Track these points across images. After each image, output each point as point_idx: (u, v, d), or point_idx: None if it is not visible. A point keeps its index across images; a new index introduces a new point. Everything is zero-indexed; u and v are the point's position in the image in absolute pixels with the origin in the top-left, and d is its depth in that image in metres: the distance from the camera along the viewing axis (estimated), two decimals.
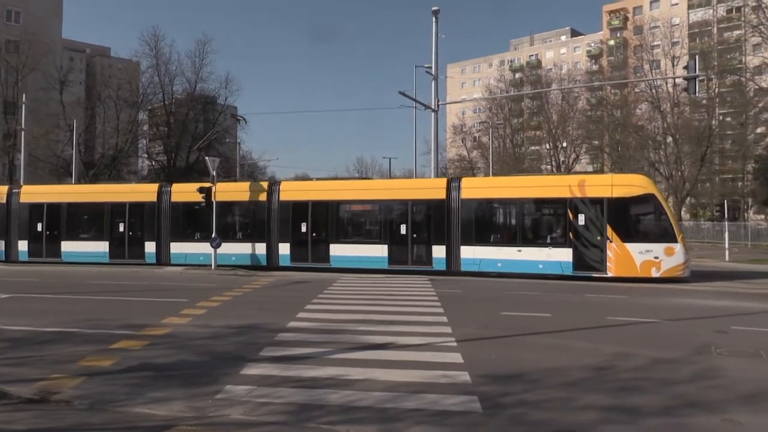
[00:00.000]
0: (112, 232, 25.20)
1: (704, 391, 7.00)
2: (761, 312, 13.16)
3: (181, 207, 24.76)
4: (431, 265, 21.51)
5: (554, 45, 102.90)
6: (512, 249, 20.66)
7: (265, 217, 23.57)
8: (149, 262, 24.60)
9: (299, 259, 23.08)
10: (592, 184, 20.26)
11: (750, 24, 45.38)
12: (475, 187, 21.98)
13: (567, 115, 61.98)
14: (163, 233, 24.66)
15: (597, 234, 19.64)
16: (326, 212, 23.03)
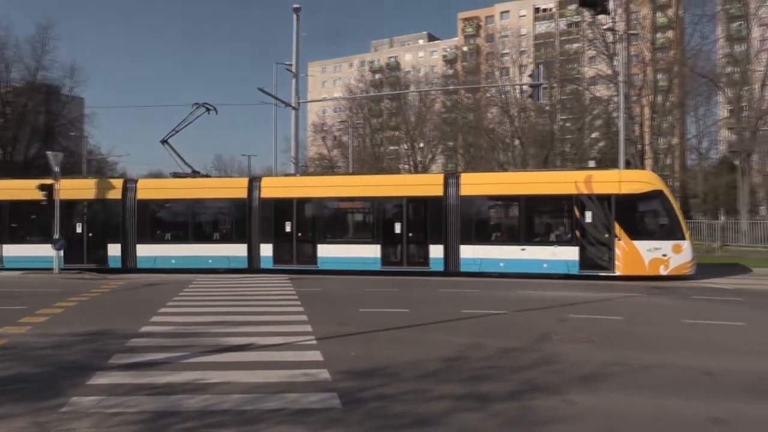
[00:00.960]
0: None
1: (546, 376, 7.57)
2: (595, 301, 14.44)
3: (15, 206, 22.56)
4: (428, 266, 20.41)
5: (412, 48, 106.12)
6: (515, 248, 19.66)
7: (246, 216, 21.81)
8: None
9: (283, 261, 21.48)
10: (599, 180, 19.41)
11: (587, 38, 49.59)
12: (475, 183, 20.93)
13: (424, 117, 64.15)
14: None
15: (605, 232, 19.02)
16: (313, 210, 21.84)
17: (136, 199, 22.25)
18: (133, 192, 22.38)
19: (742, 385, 7.12)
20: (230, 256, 21.68)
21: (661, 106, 44.11)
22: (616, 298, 14.94)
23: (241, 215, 21.85)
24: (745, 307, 13.54)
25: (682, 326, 11.20)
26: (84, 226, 22.45)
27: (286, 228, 21.52)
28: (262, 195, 21.75)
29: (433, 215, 20.52)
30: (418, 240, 20.69)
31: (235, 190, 22.24)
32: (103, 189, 22.70)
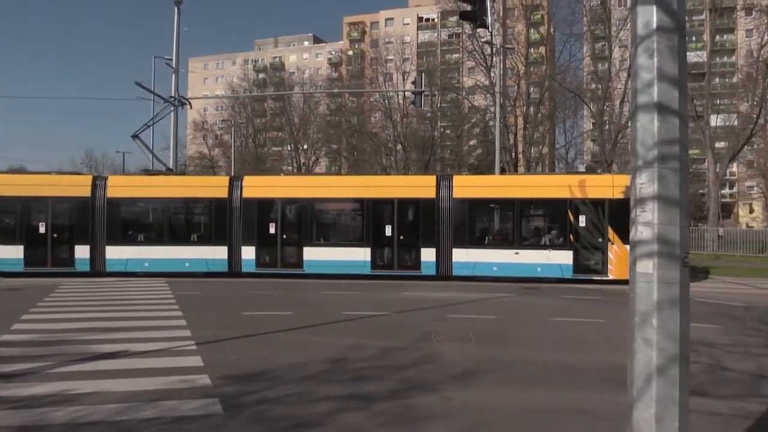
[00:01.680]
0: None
1: (425, 374, 7.84)
2: (472, 301, 15.07)
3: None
4: (419, 270, 19.82)
5: (298, 49, 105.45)
6: (509, 252, 19.35)
7: (226, 217, 20.43)
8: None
9: (267, 265, 20.37)
10: (592, 185, 19.35)
11: (467, 49, 51.56)
12: (469, 186, 20.75)
13: (308, 119, 63.98)
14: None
15: (598, 236, 18.94)
16: (300, 211, 20.82)
17: (107, 197, 20.51)
18: (103, 189, 20.64)
19: (601, 376, 7.76)
20: (209, 259, 20.38)
21: (533, 117, 46.74)
22: (491, 298, 15.67)
23: (221, 216, 20.55)
24: (607, 305, 14.66)
25: (550, 324, 11.98)
26: (48, 226, 20.39)
27: (270, 230, 20.48)
28: (244, 194, 20.60)
29: (425, 218, 20.07)
30: (410, 243, 20.18)
31: (214, 189, 21.04)
32: (70, 185, 20.90)
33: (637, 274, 3.71)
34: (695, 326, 10.81)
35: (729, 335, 10.41)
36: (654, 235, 3.63)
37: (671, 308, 3.63)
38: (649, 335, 3.66)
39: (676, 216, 3.63)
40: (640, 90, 3.78)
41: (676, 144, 3.64)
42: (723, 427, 5.90)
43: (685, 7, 3.87)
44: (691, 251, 22.53)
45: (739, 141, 37.46)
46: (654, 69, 3.72)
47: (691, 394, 6.78)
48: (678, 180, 3.63)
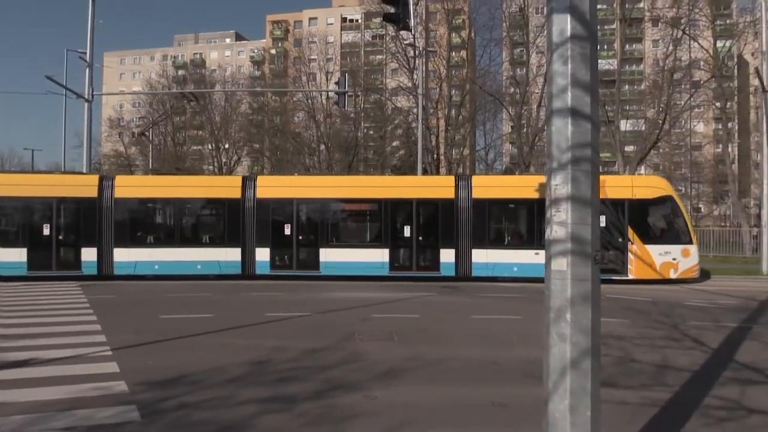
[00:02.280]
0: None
1: (349, 374, 7.87)
2: (395, 301, 15.22)
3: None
4: (438, 271, 19.60)
5: (219, 46, 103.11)
6: (529, 252, 18.79)
7: (240, 218, 19.85)
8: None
9: (281, 267, 19.83)
10: (612, 185, 18.99)
11: (390, 51, 52.08)
12: (488, 186, 20.61)
13: (230, 118, 62.73)
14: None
15: (618, 236, 18.99)
16: (316, 211, 20.44)
17: (114, 198, 19.73)
18: (111, 189, 19.82)
19: (519, 371, 8.02)
20: (222, 261, 19.77)
21: (455, 119, 47.73)
22: (414, 297, 15.87)
23: (234, 216, 19.99)
24: (524, 302, 15.15)
25: (472, 321, 12.27)
26: (52, 228, 19.48)
27: (285, 231, 19.99)
28: (258, 194, 20.05)
29: (444, 218, 19.82)
30: (429, 244, 19.94)
31: (227, 189, 20.46)
32: (75, 185, 20.03)
33: (552, 271, 3.88)
34: (606, 321, 11.33)
35: (636, 329, 10.98)
36: (568, 234, 3.80)
37: (583, 304, 3.81)
38: (563, 330, 3.83)
39: (588, 216, 3.82)
40: (555, 95, 3.94)
41: (588, 147, 3.83)
42: (631, 415, 6.22)
43: (597, 16, 4.07)
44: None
45: (647, 145, 39.54)
46: (568, 75, 3.89)
47: (602, 385, 7.12)
48: (590, 181, 3.82)
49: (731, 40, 41.95)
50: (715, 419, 6.23)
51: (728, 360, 8.76)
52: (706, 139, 65.17)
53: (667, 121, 39.62)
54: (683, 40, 39.88)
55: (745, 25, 39.85)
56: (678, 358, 8.78)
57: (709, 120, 63.62)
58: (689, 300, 15.27)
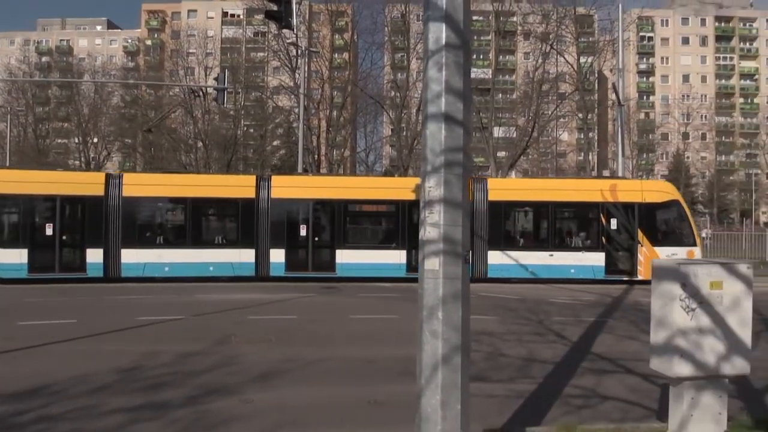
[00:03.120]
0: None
1: (224, 378, 7.68)
2: (272, 302, 15.03)
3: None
4: None
5: (89, 33, 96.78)
6: (544, 254, 19.47)
7: (254, 218, 19.30)
8: None
9: (297, 268, 19.43)
10: (623, 189, 19.97)
11: (272, 49, 51.34)
12: (503, 189, 20.76)
13: (99, 110, 59.18)
14: None
15: (628, 238, 19.58)
16: (332, 212, 19.97)
17: (122, 196, 18.89)
18: (118, 188, 18.97)
19: (395, 369, 8.18)
20: (235, 263, 19.20)
21: (336, 120, 47.94)
22: (292, 298, 15.76)
23: (247, 217, 19.43)
24: (402, 301, 15.47)
25: (349, 321, 12.38)
26: (56, 228, 18.43)
27: (300, 232, 19.71)
28: (273, 195, 19.55)
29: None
30: None
31: (241, 189, 19.87)
32: (81, 183, 19.30)
33: (425, 271, 4.01)
34: (478, 318, 11.82)
35: (505, 325, 11.56)
36: (440, 235, 3.95)
37: (454, 302, 3.97)
38: (436, 327, 3.97)
39: (459, 217, 3.98)
40: (429, 100, 4.08)
41: (460, 152, 4.00)
42: (499, 406, 6.54)
43: (470, 27, 4.26)
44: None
45: (517, 151, 41.75)
46: (442, 82, 4.04)
47: (472, 379, 7.42)
48: (461, 185, 3.99)
49: (592, 57, 45.30)
50: (573, 407, 6.69)
51: (586, 352, 9.44)
52: (570, 147, 69.91)
53: (536, 129, 42.08)
54: (551, 55, 42.53)
55: (605, 44, 43.23)
56: (542, 351, 9.35)
57: (572, 129, 68.33)
58: (554, 297, 16.30)
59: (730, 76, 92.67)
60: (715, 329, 4.31)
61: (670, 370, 4.38)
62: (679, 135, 75.45)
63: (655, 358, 4.57)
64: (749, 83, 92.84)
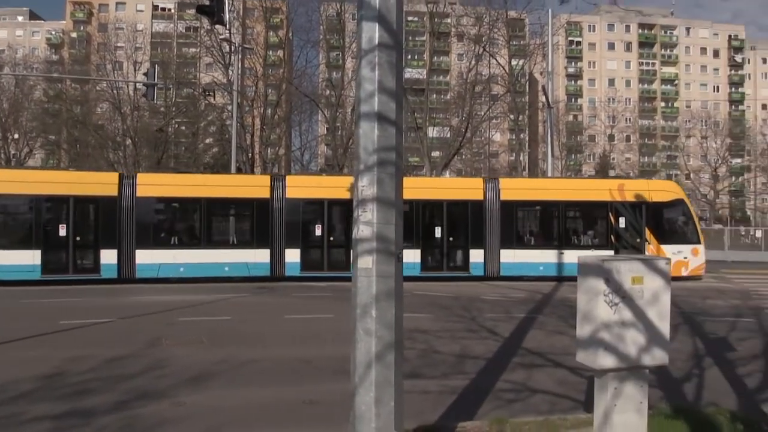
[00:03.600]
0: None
1: (155, 381, 7.48)
2: (205, 303, 14.74)
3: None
4: (468, 271, 20.12)
5: (9, 24, 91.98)
6: (553, 252, 19.90)
7: (268, 218, 19.50)
8: None
9: (312, 268, 19.66)
10: (630, 189, 20.51)
11: (204, 45, 50.24)
12: (515, 189, 21.06)
13: (21, 105, 56.39)
14: None
15: (636, 236, 20.12)
16: (347, 212, 19.27)
17: (136, 197, 18.82)
18: (132, 188, 18.89)
19: (331, 368, 8.16)
20: (250, 263, 19.36)
21: (270, 118, 47.37)
22: (225, 299, 15.50)
23: (262, 217, 19.56)
24: (336, 300, 15.44)
25: (284, 321, 12.28)
26: (69, 229, 18.28)
27: (315, 232, 19.94)
28: (287, 194, 19.69)
29: (473, 220, 20.23)
30: (459, 245, 20.36)
31: (255, 189, 19.99)
32: (94, 183, 19.04)
33: (359, 269, 4.03)
34: (412, 316, 11.95)
35: (439, 322, 11.74)
36: (373, 234, 3.97)
37: (388, 300, 4.00)
38: (369, 325, 3.99)
39: (392, 216, 4.02)
40: (363, 100, 4.10)
41: (392, 151, 4.03)
42: (433, 403, 6.64)
43: (403, 27, 4.31)
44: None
45: (451, 151, 42.37)
46: (375, 81, 4.06)
47: (407, 376, 7.50)
48: (394, 184, 4.03)
49: (523, 60, 46.45)
50: (504, 401, 6.86)
51: (517, 347, 9.69)
52: (502, 147, 71.49)
53: (469, 129, 42.80)
54: (484, 56, 43.35)
55: (535, 47, 44.40)
56: (475, 347, 9.54)
57: (504, 130, 69.94)
58: (486, 294, 16.65)
59: (653, 81, 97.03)
60: (637, 322, 4.50)
61: (595, 363, 4.54)
62: (605, 137, 78.39)
63: (581, 352, 4.73)
64: (670, 88, 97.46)
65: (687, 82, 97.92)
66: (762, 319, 12.55)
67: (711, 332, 11.19)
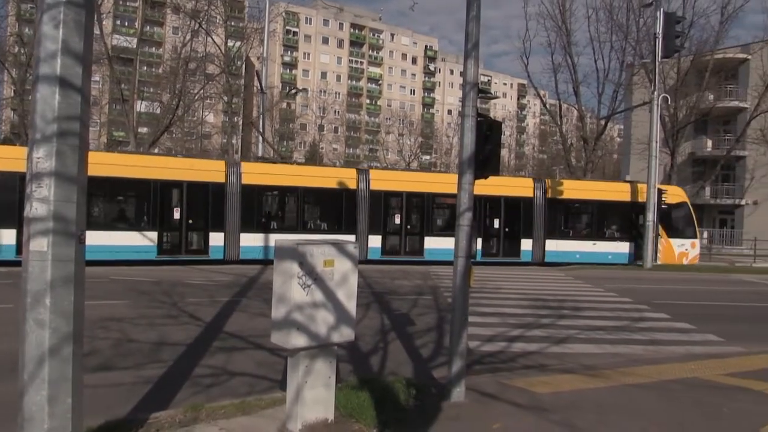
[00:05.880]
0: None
1: None
2: None
3: None
4: (519, 257, 23.44)
5: None
6: (588, 243, 24.09)
7: (354, 207, 21.62)
8: None
9: (391, 252, 22.26)
10: (646, 192, 24.53)
11: None
12: (559, 188, 24.18)
13: None
14: None
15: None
16: (422, 204, 22.73)
17: (241, 184, 20.13)
18: (237, 176, 20.16)
19: (6, 365, 7.13)
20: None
21: None
22: None
23: (350, 206, 21.64)
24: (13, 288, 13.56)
25: None
26: (182, 212, 19.51)
27: (395, 220, 22.35)
28: (371, 186, 21.85)
29: (525, 214, 23.45)
30: (513, 235, 23.43)
31: (344, 180, 21.73)
32: (204, 170, 20.10)
33: (31, 252, 3.54)
34: (106, 303, 11.13)
35: (137, 309, 11.05)
36: (50, 213, 3.52)
37: (65, 287, 3.59)
38: (42, 315, 3.54)
39: (73, 194, 3.60)
40: (42, 60, 3.60)
41: (76, 121, 3.61)
42: (126, 395, 6.22)
43: None
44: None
45: (160, 128, 40.22)
46: (59, 41, 3.60)
47: (97, 369, 6.95)
48: (77, 157, 3.61)
49: (241, 42, 46.11)
50: (203, 387, 6.75)
51: (219, 331, 9.61)
52: (216, 129, 70.18)
53: (181, 107, 41.08)
54: (200, 33, 41.91)
55: (252, 31, 44.39)
56: (175, 334, 9.20)
57: (218, 112, 68.75)
58: (190, 279, 16.21)
59: (360, 78, 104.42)
60: (327, 303, 4.78)
61: (288, 343, 4.71)
62: (316, 127, 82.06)
63: (275, 333, 4.86)
64: (375, 87, 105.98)
65: (389, 83, 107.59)
66: (438, 297, 14.37)
67: (396, 309, 12.45)
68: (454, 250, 6.38)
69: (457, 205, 6.47)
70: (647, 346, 9.70)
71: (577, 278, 19.87)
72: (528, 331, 10.49)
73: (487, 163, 6.53)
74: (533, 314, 12.24)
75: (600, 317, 12.32)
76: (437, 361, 8.27)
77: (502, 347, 9.25)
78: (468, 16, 6.38)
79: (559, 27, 37.64)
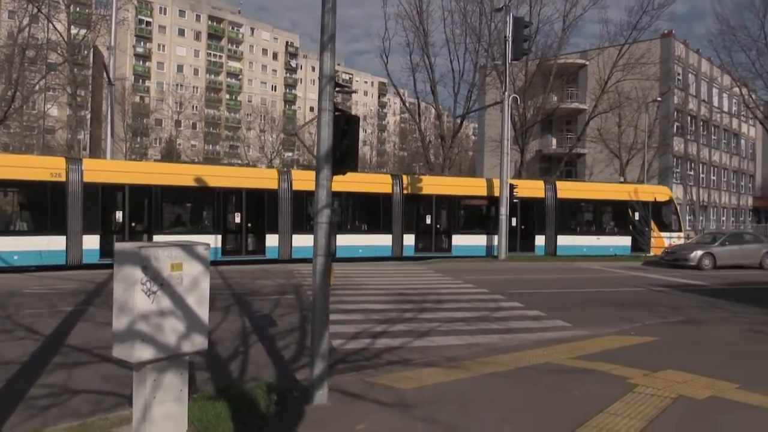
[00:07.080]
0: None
1: None
2: None
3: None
4: (533, 251, 26.72)
5: None
6: (593, 237, 27.80)
7: (390, 210, 23.97)
8: None
9: (423, 249, 24.57)
10: (641, 191, 28.99)
11: None
12: (567, 189, 28.06)
13: None
14: None
15: (646, 226, 28.27)
16: (449, 206, 25.54)
17: (292, 190, 22.32)
18: (287, 183, 22.41)
19: None
20: (377, 246, 23.61)
21: None
22: None
23: (387, 208, 23.93)
24: None
25: None
26: (243, 216, 21.81)
27: (426, 220, 24.89)
28: (405, 191, 24.28)
29: (539, 213, 26.91)
30: (528, 232, 26.78)
31: (382, 185, 24.25)
32: (260, 178, 22.77)
33: None
34: None
35: None
36: None
37: None
38: None
39: None
40: None
41: None
42: None
43: None
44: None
45: None
46: None
47: None
48: None
49: (86, 30, 42.88)
50: (39, 408, 6.08)
51: (60, 345, 8.74)
52: (60, 123, 64.83)
53: (18, 99, 37.51)
54: (40, 19, 38.43)
55: (99, 18, 41.45)
56: (7, 351, 8.25)
57: (63, 105, 63.52)
58: (28, 288, 14.77)
59: (219, 73, 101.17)
60: (176, 310, 4.41)
61: (132, 356, 4.29)
62: (172, 122, 78.32)
63: (117, 345, 4.41)
64: (235, 81, 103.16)
65: (250, 79, 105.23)
66: (301, 296, 14.13)
67: (257, 310, 12.07)
68: (313, 248, 6.20)
69: (315, 202, 6.33)
70: (503, 334, 10.10)
71: (438, 271, 20.51)
72: (392, 326, 10.56)
73: (345, 158, 6.42)
74: (396, 309, 12.38)
75: (460, 309, 12.71)
76: (301, 362, 8.06)
77: (366, 344, 9.22)
78: (324, 8, 6.25)
79: (417, 28, 38.59)
